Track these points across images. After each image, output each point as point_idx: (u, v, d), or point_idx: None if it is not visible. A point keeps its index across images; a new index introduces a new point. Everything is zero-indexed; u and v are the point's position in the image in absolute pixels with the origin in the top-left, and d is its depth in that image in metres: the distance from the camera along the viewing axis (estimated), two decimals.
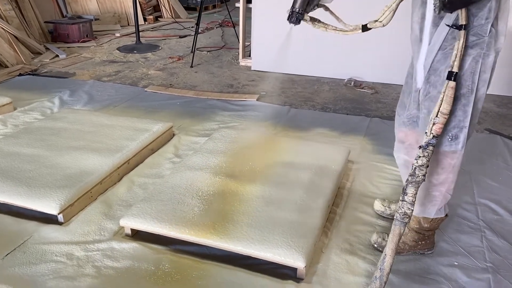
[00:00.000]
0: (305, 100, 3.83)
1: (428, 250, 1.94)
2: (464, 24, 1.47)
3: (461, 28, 1.47)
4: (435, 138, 1.57)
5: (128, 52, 5.34)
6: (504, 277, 1.82)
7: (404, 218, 1.60)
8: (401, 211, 1.60)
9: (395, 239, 1.60)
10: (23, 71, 4.47)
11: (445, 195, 1.78)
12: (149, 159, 2.72)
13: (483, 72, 1.54)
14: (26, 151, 2.51)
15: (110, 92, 3.94)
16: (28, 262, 1.84)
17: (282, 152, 2.55)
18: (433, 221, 1.85)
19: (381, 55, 4.17)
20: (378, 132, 3.17)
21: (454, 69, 1.51)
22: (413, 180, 1.60)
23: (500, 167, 2.71)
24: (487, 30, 1.47)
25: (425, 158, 1.58)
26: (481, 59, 1.51)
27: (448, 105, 1.54)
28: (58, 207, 2.06)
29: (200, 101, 3.76)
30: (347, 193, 2.40)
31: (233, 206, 2.05)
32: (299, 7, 1.68)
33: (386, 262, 1.60)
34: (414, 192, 1.59)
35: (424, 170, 1.59)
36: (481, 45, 1.49)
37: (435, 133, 1.57)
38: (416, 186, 1.59)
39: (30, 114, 3.36)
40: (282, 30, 4.56)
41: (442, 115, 1.55)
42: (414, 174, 1.60)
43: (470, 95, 1.56)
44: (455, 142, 1.64)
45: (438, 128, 1.56)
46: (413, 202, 1.59)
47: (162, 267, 1.82)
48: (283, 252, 1.77)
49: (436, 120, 1.56)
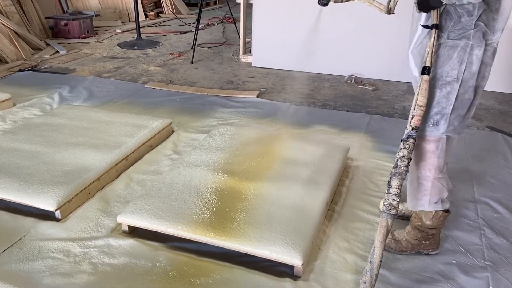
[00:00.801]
0: (306, 97, 3.82)
1: (432, 250, 1.92)
2: (435, 24, 1.57)
3: (433, 27, 1.58)
4: (414, 130, 1.63)
5: (129, 48, 5.33)
6: (503, 275, 1.81)
7: (390, 210, 1.62)
8: (387, 202, 1.63)
9: (383, 231, 1.62)
10: (23, 67, 4.46)
11: (435, 184, 1.78)
12: (147, 156, 2.71)
13: (470, 63, 1.58)
14: (24, 147, 2.50)
15: (110, 88, 3.93)
16: (25, 259, 1.83)
17: (281, 149, 2.54)
18: (434, 218, 1.84)
19: (382, 52, 4.15)
20: (378, 129, 3.15)
21: (427, 64, 1.60)
22: (396, 171, 1.63)
23: (501, 165, 2.69)
24: (472, 25, 1.55)
25: (406, 150, 1.63)
26: (468, 49, 1.57)
27: (423, 97, 1.61)
28: (55, 204, 2.05)
29: (199, 97, 3.75)
30: (346, 191, 2.39)
31: (231, 203, 2.04)
32: None
33: (375, 255, 1.61)
34: (398, 184, 1.63)
35: (406, 161, 1.63)
36: (467, 37, 1.56)
37: (414, 125, 1.63)
38: (399, 178, 1.63)
39: (30, 110, 3.36)
40: (283, 26, 4.56)
41: (418, 107, 1.62)
42: (396, 166, 1.64)
43: (455, 83, 1.61)
44: (436, 128, 1.69)
45: (417, 120, 1.63)
46: (398, 194, 1.62)
47: (159, 264, 1.82)
48: (280, 249, 1.76)
49: (414, 112, 1.63)
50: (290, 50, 4.49)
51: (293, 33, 4.42)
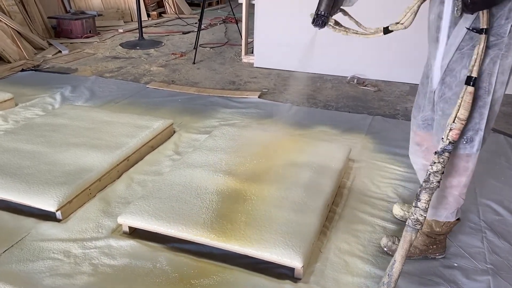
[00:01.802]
0: (307, 98, 3.81)
1: (439, 254, 1.90)
2: (485, 28, 1.42)
3: (482, 32, 1.42)
4: (451, 144, 1.53)
5: (131, 48, 5.33)
6: (504, 279, 1.80)
7: (416, 225, 1.56)
8: (414, 217, 1.56)
9: (406, 246, 1.57)
10: (26, 67, 4.47)
11: (457, 199, 1.74)
12: (148, 156, 2.71)
13: (501, 73, 1.50)
14: (26, 147, 2.50)
15: (112, 88, 3.93)
16: (25, 259, 1.83)
17: (282, 150, 2.53)
18: (445, 225, 1.82)
19: (385, 53, 4.14)
20: (380, 131, 3.14)
21: (473, 74, 1.46)
22: (427, 186, 1.55)
23: (503, 167, 2.68)
24: (507, 30, 1.43)
25: (440, 164, 1.54)
26: (499, 60, 1.47)
27: (466, 110, 1.49)
28: (56, 204, 2.05)
29: (201, 98, 3.74)
30: (347, 192, 2.38)
31: (232, 204, 2.04)
32: (324, 10, 1.64)
33: (395, 268, 1.57)
34: (427, 199, 1.55)
35: (439, 176, 1.54)
36: (499, 45, 1.45)
37: (452, 139, 1.52)
38: (430, 193, 1.55)
39: (31, 110, 3.36)
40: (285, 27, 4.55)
41: (459, 120, 1.50)
42: (428, 180, 1.55)
43: (487, 97, 1.52)
44: (470, 145, 1.60)
45: (455, 134, 1.52)
46: (426, 209, 1.55)
47: (160, 265, 1.82)
48: (281, 251, 1.75)
49: (453, 125, 1.51)
50: (292, 50, 4.48)
51: (295, 33, 4.40)
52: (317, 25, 1.68)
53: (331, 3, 1.63)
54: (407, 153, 2.77)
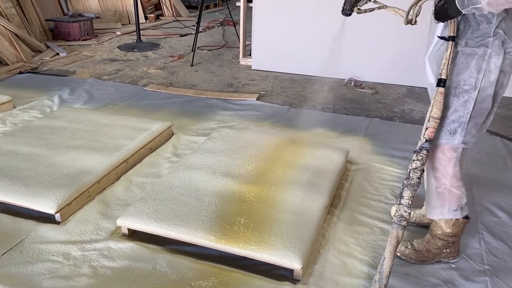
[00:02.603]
0: (305, 100, 3.83)
1: (453, 258, 1.90)
2: (452, 36, 1.56)
3: (449, 39, 1.57)
4: (428, 142, 1.63)
5: (129, 51, 5.34)
6: (502, 279, 1.82)
7: (401, 221, 1.61)
8: (398, 213, 1.62)
9: (393, 242, 1.61)
10: (23, 69, 4.47)
11: (452, 192, 1.78)
12: (147, 159, 2.71)
13: (489, 71, 1.57)
14: (24, 150, 2.51)
15: (110, 90, 3.93)
16: (24, 262, 1.84)
17: (280, 152, 2.54)
18: (454, 225, 1.83)
19: (382, 56, 4.16)
20: (377, 133, 3.16)
21: (442, 76, 1.59)
22: (408, 183, 1.63)
23: (500, 169, 2.70)
24: (491, 32, 1.54)
25: (419, 161, 1.63)
26: (486, 57, 1.56)
27: (438, 110, 1.61)
28: (55, 206, 2.06)
29: (199, 100, 3.75)
30: (345, 194, 2.40)
31: (231, 206, 2.04)
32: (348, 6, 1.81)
33: (385, 265, 1.60)
34: (410, 195, 1.62)
35: (418, 173, 1.63)
36: (486, 44, 1.55)
37: (428, 137, 1.63)
38: (411, 189, 1.62)
39: (30, 113, 3.36)
40: (283, 29, 4.57)
41: (433, 119, 1.62)
42: (409, 177, 1.64)
43: (473, 92, 1.60)
44: (453, 137, 1.68)
45: (430, 132, 1.63)
46: (409, 205, 1.61)
47: (159, 267, 1.82)
48: (280, 253, 1.76)
49: (428, 124, 1.63)
50: (290, 53, 4.50)
51: (292, 36, 4.43)
52: (344, 14, 1.86)
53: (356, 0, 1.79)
54: (405, 155, 2.81)
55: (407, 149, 2.89)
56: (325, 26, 4.28)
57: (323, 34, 4.32)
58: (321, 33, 4.32)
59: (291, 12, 4.36)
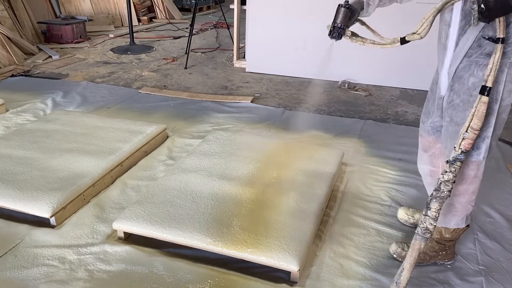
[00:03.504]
0: (299, 102, 3.84)
1: (448, 260, 1.91)
2: (501, 38, 1.41)
3: (499, 41, 1.41)
4: (463, 154, 1.53)
5: (122, 53, 5.32)
6: (497, 279, 1.83)
7: (425, 233, 1.57)
8: (423, 225, 1.57)
9: (415, 254, 1.58)
10: (16, 72, 4.44)
11: (465, 206, 1.75)
12: (142, 162, 2.71)
13: (509, 82, 1.50)
14: (18, 154, 2.49)
15: (104, 93, 3.92)
16: (19, 266, 1.82)
17: (276, 155, 2.55)
18: (454, 232, 1.83)
19: (375, 58, 4.18)
20: (371, 135, 3.17)
21: (488, 84, 1.46)
22: (438, 195, 1.56)
23: (493, 170, 2.72)
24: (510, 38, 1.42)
25: (451, 173, 1.54)
26: (507, 68, 1.47)
27: (479, 120, 1.49)
28: (50, 210, 2.04)
29: (194, 102, 3.75)
30: (341, 196, 2.40)
31: (227, 209, 2.04)
32: (341, 23, 1.64)
33: (403, 277, 1.58)
34: (438, 208, 1.56)
35: (450, 185, 1.55)
36: (508, 54, 1.45)
37: (464, 149, 1.52)
38: (440, 202, 1.56)
39: (23, 116, 3.33)
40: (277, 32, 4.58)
41: (472, 130, 1.50)
42: (439, 189, 1.56)
43: (494, 105, 1.52)
44: (477, 153, 1.60)
45: (468, 143, 1.52)
46: (436, 218, 1.56)
47: (156, 270, 1.81)
48: (277, 255, 1.76)
49: (465, 135, 1.51)
50: (284, 55, 4.52)
51: (286, 38, 4.45)
52: (333, 37, 1.67)
53: (348, 15, 1.63)
54: (399, 157, 2.83)
55: (401, 150, 2.91)
56: (318, 29, 4.29)
57: (316, 37, 4.33)
58: (315, 35, 4.33)
59: (285, 15, 4.37)
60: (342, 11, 1.63)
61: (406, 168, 2.69)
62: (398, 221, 2.19)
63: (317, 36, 4.43)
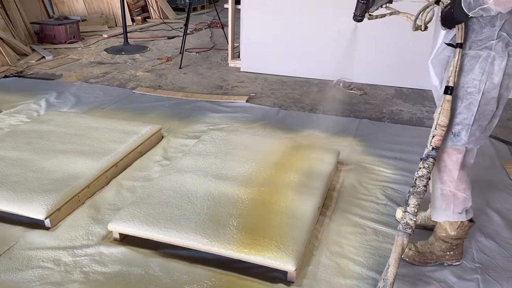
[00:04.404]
0: (295, 102, 3.84)
1: (456, 261, 1.90)
2: (460, 43, 1.55)
3: (457, 46, 1.56)
4: (434, 150, 1.62)
5: (116, 53, 5.29)
6: (493, 277, 1.84)
7: (406, 229, 1.61)
8: (404, 221, 1.62)
9: (398, 249, 1.61)
10: (9, 73, 4.40)
11: (459, 196, 1.77)
12: (137, 162, 2.69)
13: (492, 74, 1.57)
14: (12, 155, 2.47)
15: (98, 94, 3.89)
16: (14, 268, 1.81)
17: (271, 154, 2.54)
18: (459, 228, 1.83)
19: (370, 57, 4.19)
20: (367, 134, 3.18)
21: (450, 84, 1.58)
22: (414, 191, 1.63)
23: (488, 167, 2.73)
24: (495, 35, 1.54)
25: (425, 169, 1.62)
26: (490, 59, 1.55)
27: (445, 117, 1.60)
28: (44, 212, 2.03)
29: (189, 102, 3.74)
30: (337, 195, 2.40)
31: (223, 209, 2.03)
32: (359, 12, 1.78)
33: (389, 273, 1.60)
34: (416, 203, 1.62)
35: (424, 181, 1.62)
36: (489, 47, 1.55)
37: (435, 145, 1.61)
38: (417, 197, 1.62)
39: (16, 117, 3.31)
40: (271, 31, 4.58)
41: (440, 127, 1.61)
42: (415, 185, 1.63)
43: (477, 94, 1.59)
44: (457, 139, 1.67)
45: (437, 140, 1.61)
46: (415, 213, 1.61)
47: (152, 271, 1.81)
48: (273, 255, 1.76)
49: (435, 132, 1.61)
50: (279, 55, 4.51)
51: (281, 38, 4.44)
52: (355, 20, 1.83)
53: (363, 7, 1.76)
54: (395, 155, 2.83)
55: (396, 149, 2.92)
56: (313, 28, 4.30)
57: (311, 36, 4.34)
58: (310, 35, 4.34)
59: (280, 14, 4.37)
60: (359, 6, 1.76)
61: (402, 166, 2.69)
62: (394, 219, 2.19)
63: (312, 35, 4.46)
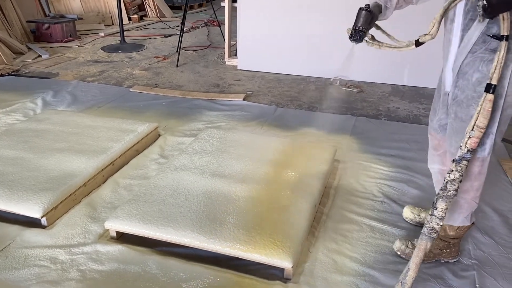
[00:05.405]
0: (292, 100, 3.84)
1: (452, 258, 1.90)
2: (505, 35, 1.40)
3: (503, 38, 1.41)
4: (469, 152, 1.51)
5: (113, 52, 5.28)
6: (489, 273, 1.85)
7: (431, 233, 1.56)
8: (429, 225, 1.57)
9: (421, 254, 1.57)
10: (5, 72, 4.38)
11: (470, 203, 1.74)
12: (134, 160, 2.69)
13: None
14: (8, 154, 2.46)
15: (94, 92, 3.89)
16: (10, 267, 1.80)
17: (268, 152, 2.54)
18: (459, 229, 1.83)
19: (367, 54, 4.18)
20: (364, 131, 3.18)
21: (493, 81, 1.45)
22: (444, 194, 1.55)
23: None
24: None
25: (457, 172, 1.52)
26: (511, 63, 1.46)
27: (485, 118, 1.48)
28: (41, 210, 2.02)
29: (186, 101, 3.73)
30: (333, 192, 2.41)
31: (220, 206, 2.03)
32: (362, 26, 1.62)
33: (408, 276, 1.57)
34: (444, 207, 1.55)
35: (456, 185, 1.53)
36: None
37: (470, 147, 1.51)
38: (447, 201, 1.55)
39: (12, 116, 3.30)
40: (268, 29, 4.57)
41: (478, 128, 1.49)
42: (445, 188, 1.55)
43: (499, 100, 1.50)
44: (481, 149, 1.59)
45: (474, 142, 1.50)
46: (442, 217, 1.55)
47: (149, 269, 1.80)
48: (270, 252, 1.76)
49: (471, 133, 1.50)
50: (275, 53, 4.51)
51: (278, 36, 4.44)
52: (354, 39, 1.65)
53: (369, 19, 1.62)
54: (391, 153, 2.84)
55: (393, 146, 2.92)
56: (310, 26, 4.30)
57: (308, 34, 4.34)
58: (306, 32, 4.34)
59: (276, 12, 4.36)
60: (363, 15, 1.61)
61: (398, 164, 2.70)
62: (390, 216, 2.19)
63: (309, 33, 4.45)
